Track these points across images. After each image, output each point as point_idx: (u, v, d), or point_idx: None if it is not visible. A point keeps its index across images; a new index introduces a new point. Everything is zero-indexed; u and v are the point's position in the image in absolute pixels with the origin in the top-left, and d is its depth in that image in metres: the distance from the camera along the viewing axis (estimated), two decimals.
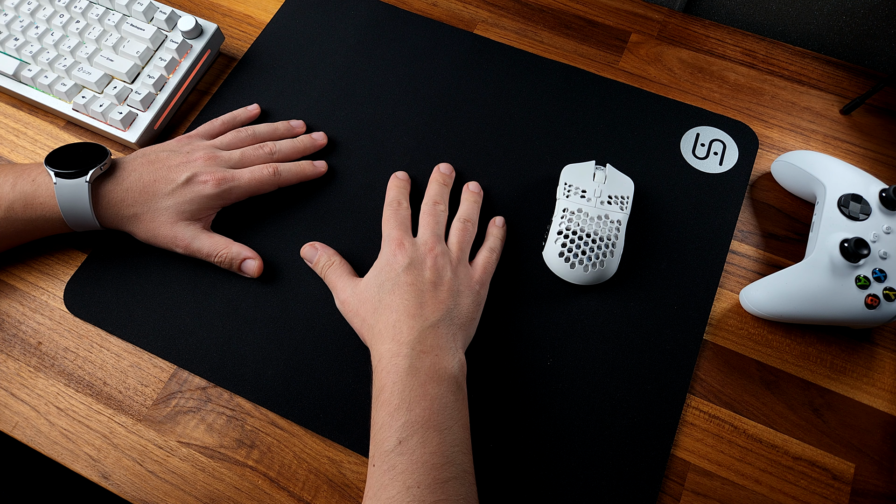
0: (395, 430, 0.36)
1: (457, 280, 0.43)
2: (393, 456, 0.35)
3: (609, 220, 0.46)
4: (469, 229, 0.47)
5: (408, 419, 0.36)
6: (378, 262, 0.44)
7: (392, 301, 0.41)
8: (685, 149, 0.52)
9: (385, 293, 0.41)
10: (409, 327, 0.39)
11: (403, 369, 0.37)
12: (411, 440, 0.35)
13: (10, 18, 0.53)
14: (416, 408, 0.36)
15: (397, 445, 0.35)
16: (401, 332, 0.39)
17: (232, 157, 0.48)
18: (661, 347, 0.45)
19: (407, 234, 0.45)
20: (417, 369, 0.38)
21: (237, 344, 0.45)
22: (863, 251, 0.42)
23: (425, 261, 0.43)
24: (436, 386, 0.37)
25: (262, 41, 0.58)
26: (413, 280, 0.41)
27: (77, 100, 0.51)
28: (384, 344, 0.39)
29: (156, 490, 0.41)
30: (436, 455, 0.35)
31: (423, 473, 0.35)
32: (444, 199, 0.48)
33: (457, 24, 0.59)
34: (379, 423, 0.37)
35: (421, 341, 0.39)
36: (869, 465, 0.42)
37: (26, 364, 0.45)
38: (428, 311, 0.40)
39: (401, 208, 0.47)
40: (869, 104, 0.55)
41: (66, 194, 0.43)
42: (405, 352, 0.38)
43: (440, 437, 0.36)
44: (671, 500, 0.41)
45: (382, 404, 0.37)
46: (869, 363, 0.45)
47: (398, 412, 0.36)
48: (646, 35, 0.58)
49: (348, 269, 0.45)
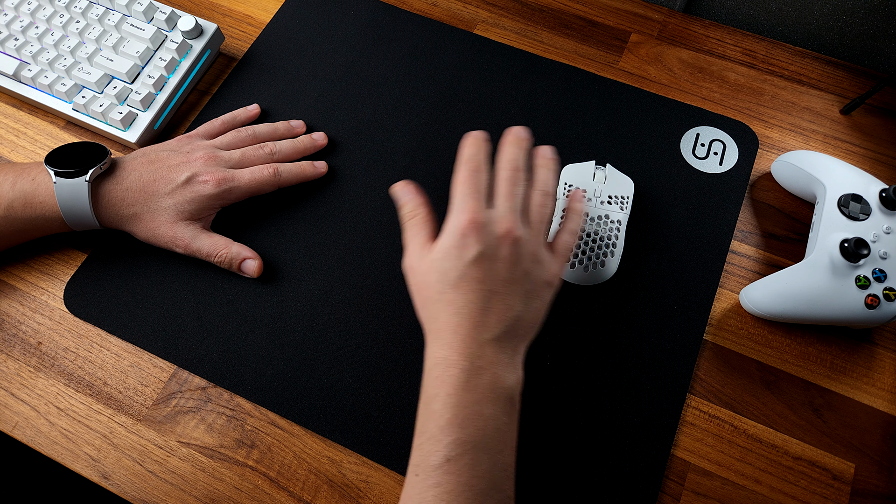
0: (444, 446, 0.34)
1: (531, 278, 0.38)
2: (440, 473, 0.33)
3: (609, 220, 0.46)
4: (551, 206, 0.41)
5: (459, 437, 0.34)
6: (445, 240, 0.38)
7: (455, 298, 0.36)
8: (685, 149, 0.52)
9: (448, 285, 0.37)
10: (469, 338, 0.36)
11: (459, 384, 0.35)
12: (461, 460, 0.33)
13: (9, 18, 0.53)
14: (468, 427, 0.34)
15: (445, 462, 0.33)
16: (460, 342, 0.36)
17: (232, 157, 0.48)
18: (661, 347, 0.45)
19: (482, 208, 0.38)
20: (474, 386, 0.35)
21: (237, 344, 0.45)
22: (863, 251, 0.42)
23: (500, 250, 0.37)
24: (491, 406, 0.35)
25: (262, 41, 0.58)
26: (482, 276, 0.36)
27: (77, 100, 0.51)
28: (441, 349, 0.36)
29: (156, 490, 0.41)
30: (483, 480, 0.34)
31: (469, 498, 0.33)
32: (523, 166, 0.41)
33: (457, 24, 0.59)
34: (427, 434, 0.35)
35: (481, 356, 0.35)
36: (869, 465, 0.42)
37: (26, 364, 0.45)
38: (493, 320, 0.36)
39: (479, 172, 0.40)
40: (869, 104, 0.55)
41: (66, 194, 0.43)
42: (463, 365, 0.35)
43: (490, 462, 0.34)
44: (671, 500, 0.41)
45: (433, 415, 0.35)
46: (869, 363, 0.45)
47: (449, 428, 0.34)
48: (646, 35, 0.58)
49: (429, 228, 0.40)
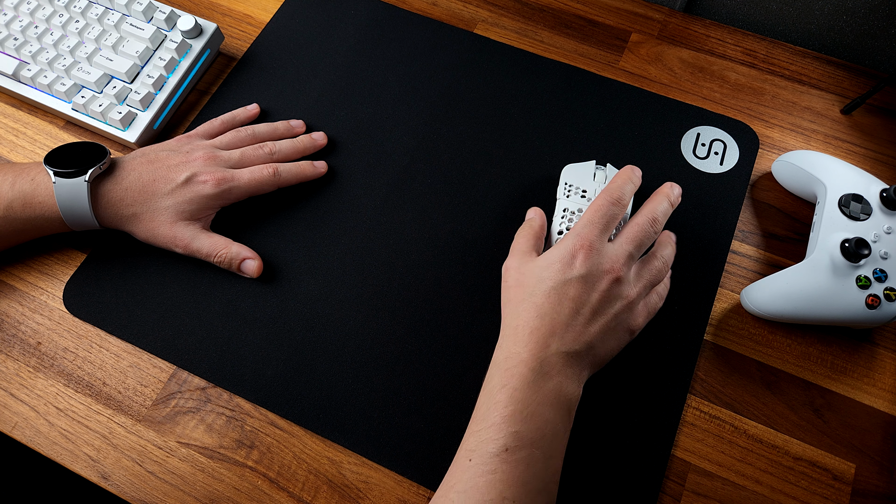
0: (504, 436, 0.35)
1: (618, 319, 0.40)
2: (497, 461, 0.34)
3: None
4: (664, 274, 0.43)
5: (520, 431, 0.35)
6: (554, 253, 0.41)
7: (544, 305, 0.39)
8: (686, 149, 0.52)
9: (542, 291, 0.39)
10: (545, 345, 0.37)
11: (528, 381, 0.36)
12: (519, 453, 0.35)
13: (9, 18, 0.53)
14: (530, 423, 0.35)
15: (503, 452, 0.35)
16: (535, 343, 0.38)
17: (231, 156, 0.48)
18: (661, 347, 0.45)
19: (603, 237, 0.41)
20: (540, 387, 0.37)
21: (237, 344, 0.45)
22: (863, 251, 0.42)
23: (600, 282, 0.39)
24: (552, 410, 0.36)
25: (261, 41, 0.58)
26: (577, 295, 0.39)
27: (76, 99, 0.51)
28: (516, 345, 0.38)
29: (155, 490, 0.41)
30: (536, 479, 0.35)
31: (522, 492, 0.34)
32: (663, 224, 0.43)
33: (457, 23, 0.59)
34: (488, 422, 0.36)
35: (551, 363, 0.37)
36: (869, 465, 0.42)
37: (25, 364, 0.45)
38: (570, 336, 0.38)
39: (618, 205, 0.42)
40: (869, 104, 0.55)
41: (65, 193, 0.43)
42: (533, 365, 0.37)
43: (545, 463, 0.35)
44: (671, 501, 0.41)
45: (496, 404, 0.36)
46: (869, 363, 0.45)
47: (512, 420, 0.35)
48: (646, 35, 0.58)
49: (539, 242, 0.44)
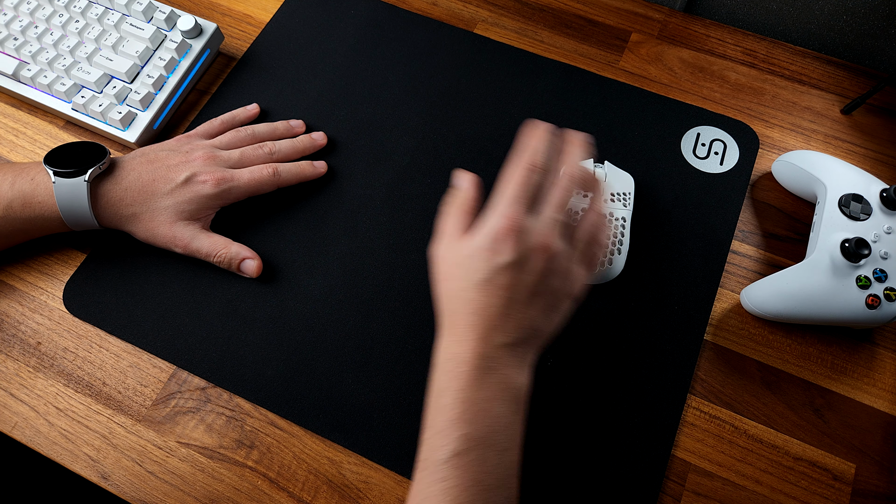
0: (451, 441, 0.34)
1: (557, 293, 0.37)
2: (446, 468, 0.33)
3: (613, 217, 0.46)
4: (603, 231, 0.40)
5: (467, 433, 0.34)
6: (479, 239, 0.37)
7: (477, 298, 0.36)
8: (686, 149, 0.52)
9: (473, 284, 0.36)
10: (485, 339, 0.35)
11: (471, 380, 0.35)
12: (468, 456, 0.34)
13: (9, 18, 0.53)
14: (477, 423, 0.34)
15: (453, 457, 0.33)
16: (474, 341, 0.35)
17: (231, 156, 0.48)
18: (661, 348, 0.45)
19: (524, 214, 0.37)
20: (485, 384, 0.35)
21: (236, 344, 0.45)
22: (863, 251, 0.42)
23: (532, 262, 0.36)
24: (500, 404, 0.35)
25: (261, 41, 0.57)
26: (510, 283, 0.36)
27: (76, 99, 0.51)
28: (454, 345, 0.36)
29: (155, 490, 0.41)
30: (490, 476, 0.34)
31: (475, 494, 0.33)
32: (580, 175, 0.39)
33: (457, 23, 0.59)
34: (436, 428, 0.35)
35: (494, 357, 0.35)
36: (870, 465, 0.42)
37: (25, 364, 0.45)
38: (511, 326, 0.36)
39: (536, 170, 0.38)
40: (870, 104, 0.55)
41: (65, 193, 0.43)
42: (475, 363, 0.35)
43: (498, 459, 0.34)
44: (671, 501, 0.41)
45: (442, 409, 0.35)
46: (870, 363, 0.45)
47: (458, 423, 0.34)
48: (646, 34, 0.58)
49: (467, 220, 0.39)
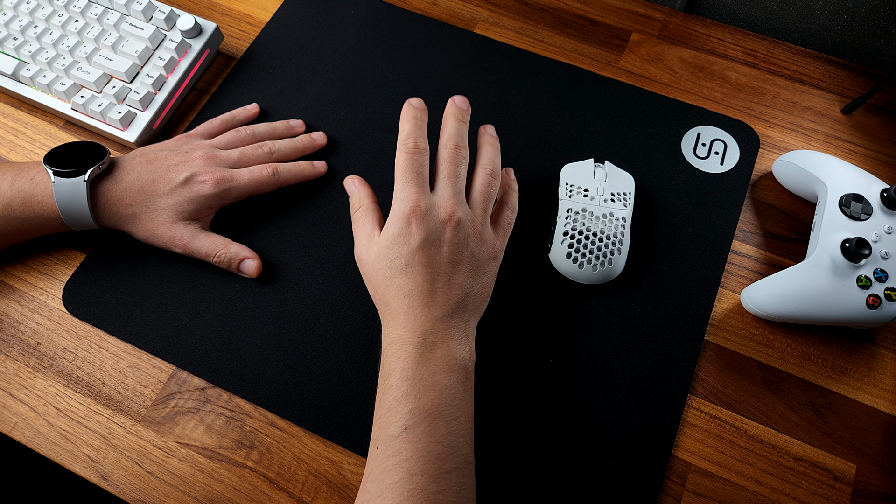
0: (401, 416, 0.36)
1: (476, 257, 0.40)
2: (398, 442, 0.35)
3: (614, 217, 0.46)
4: (494, 185, 0.42)
5: (415, 406, 0.36)
6: (390, 228, 0.40)
7: (404, 283, 0.39)
8: (686, 148, 0.52)
9: (396, 271, 0.39)
10: (421, 317, 0.38)
11: (414, 358, 0.37)
12: (418, 428, 0.35)
13: (8, 18, 0.53)
14: (424, 396, 0.36)
15: (403, 431, 0.35)
16: (412, 321, 0.38)
17: (231, 156, 0.48)
18: (661, 348, 0.45)
19: (424, 193, 0.40)
20: (428, 360, 0.37)
21: (236, 344, 0.45)
22: (864, 251, 0.42)
23: (443, 234, 0.39)
24: (446, 376, 0.37)
25: (261, 40, 0.57)
26: (428, 260, 0.39)
27: (76, 99, 0.51)
28: (395, 329, 0.38)
29: (155, 491, 0.41)
30: (441, 445, 0.35)
31: (428, 462, 0.35)
32: (465, 142, 0.42)
33: (457, 23, 0.59)
34: (385, 407, 0.37)
35: (433, 332, 0.38)
36: (870, 465, 0.42)
37: (25, 364, 0.45)
38: (441, 299, 0.38)
39: (417, 152, 0.41)
40: (870, 104, 0.55)
41: (65, 193, 0.43)
42: (416, 341, 0.37)
43: (447, 428, 0.36)
44: (672, 501, 0.41)
45: (389, 389, 0.37)
46: (870, 363, 0.45)
47: (406, 399, 0.36)
48: (647, 34, 0.58)
49: (374, 217, 0.43)
